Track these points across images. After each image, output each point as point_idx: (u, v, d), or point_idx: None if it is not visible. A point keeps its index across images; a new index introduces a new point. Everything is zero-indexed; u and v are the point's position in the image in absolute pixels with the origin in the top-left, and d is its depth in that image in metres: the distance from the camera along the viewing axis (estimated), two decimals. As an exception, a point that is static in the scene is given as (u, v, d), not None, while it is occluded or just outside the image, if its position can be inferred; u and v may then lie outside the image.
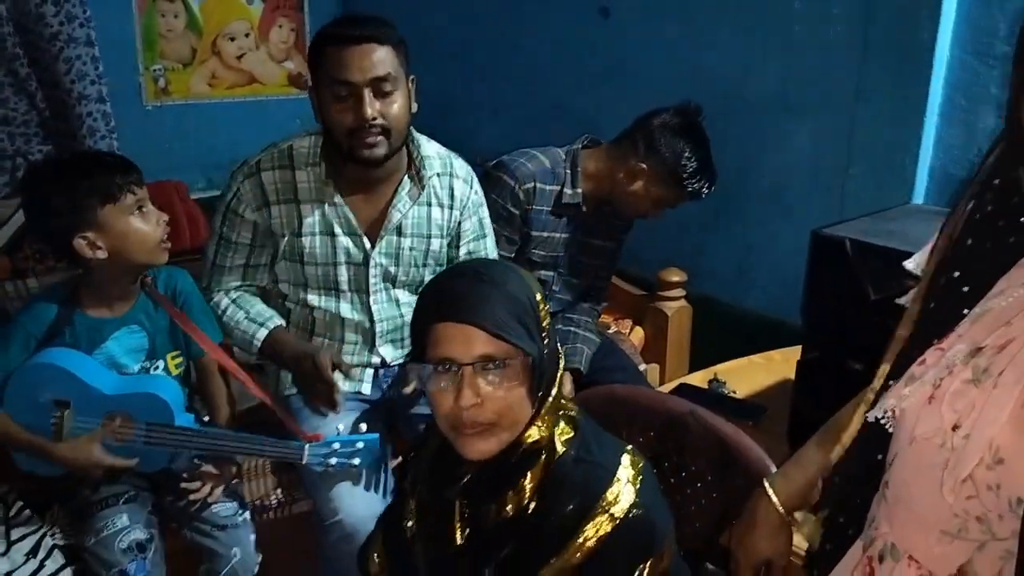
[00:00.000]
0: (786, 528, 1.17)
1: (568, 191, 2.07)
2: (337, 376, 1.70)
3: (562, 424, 1.09)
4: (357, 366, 1.82)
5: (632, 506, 1.03)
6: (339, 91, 1.60)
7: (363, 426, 1.66)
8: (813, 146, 2.36)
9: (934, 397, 0.82)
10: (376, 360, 1.84)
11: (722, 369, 2.01)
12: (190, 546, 1.60)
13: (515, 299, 1.02)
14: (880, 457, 0.90)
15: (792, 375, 1.76)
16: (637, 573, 1.04)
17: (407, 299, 1.84)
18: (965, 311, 0.83)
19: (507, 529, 1.06)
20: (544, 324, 1.05)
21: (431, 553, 1.12)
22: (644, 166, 2.00)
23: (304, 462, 1.59)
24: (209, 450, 1.57)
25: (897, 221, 1.72)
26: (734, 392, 1.91)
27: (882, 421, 0.87)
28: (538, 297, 1.06)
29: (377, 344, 1.83)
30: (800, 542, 1.17)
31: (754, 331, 2.39)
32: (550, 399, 1.07)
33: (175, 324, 1.59)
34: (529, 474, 1.06)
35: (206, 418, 1.67)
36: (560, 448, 1.07)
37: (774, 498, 1.14)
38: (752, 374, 1.99)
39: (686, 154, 1.98)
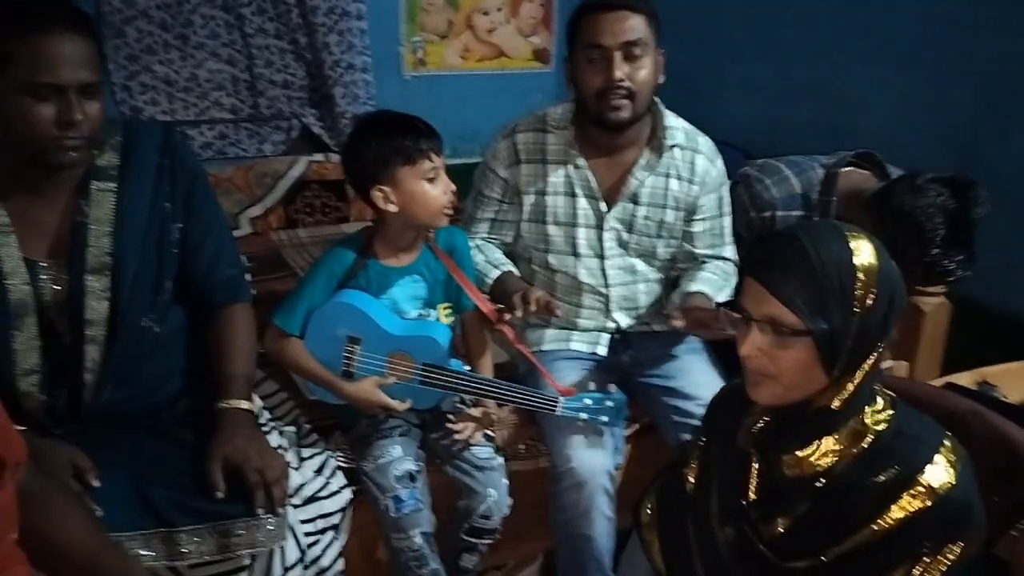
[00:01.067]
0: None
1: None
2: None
3: (878, 400, 1.10)
4: (593, 330, 1.92)
5: (951, 487, 1.03)
6: (592, 55, 1.71)
7: (613, 387, 1.73)
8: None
9: None
10: (611, 325, 1.93)
11: (991, 372, 1.87)
12: (451, 482, 1.72)
13: (823, 272, 1.01)
14: None
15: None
16: (944, 553, 1.02)
17: (642, 268, 1.90)
18: None
19: (806, 488, 1.08)
20: (859, 300, 1.03)
21: (723, 504, 1.16)
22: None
23: (558, 414, 1.69)
24: (475, 393, 1.70)
25: None
26: (1005, 397, 1.78)
27: None
28: (861, 275, 1.03)
29: (612, 310, 1.91)
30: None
31: (1020, 336, 2.21)
32: (858, 373, 1.06)
33: (450, 278, 1.71)
34: (829, 438, 1.08)
35: (467, 367, 1.79)
36: (875, 421, 1.08)
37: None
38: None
39: (936, 233, 1.66)
